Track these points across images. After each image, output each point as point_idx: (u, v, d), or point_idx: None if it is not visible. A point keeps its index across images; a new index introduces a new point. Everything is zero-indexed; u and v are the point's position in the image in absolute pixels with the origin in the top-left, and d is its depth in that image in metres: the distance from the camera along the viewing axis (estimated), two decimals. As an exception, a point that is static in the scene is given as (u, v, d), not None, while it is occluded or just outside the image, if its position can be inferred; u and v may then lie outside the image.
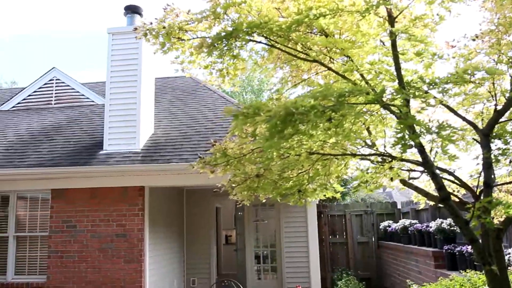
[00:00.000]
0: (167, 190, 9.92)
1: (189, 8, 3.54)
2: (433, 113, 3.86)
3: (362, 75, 3.55)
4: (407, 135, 3.04)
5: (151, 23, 3.49)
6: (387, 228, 10.34)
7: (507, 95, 3.31)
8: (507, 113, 3.29)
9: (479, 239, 3.07)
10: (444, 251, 6.94)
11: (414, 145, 3.22)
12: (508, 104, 3.23)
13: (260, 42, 3.41)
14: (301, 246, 9.81)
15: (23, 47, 47.81)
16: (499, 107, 3.32)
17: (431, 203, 6.45)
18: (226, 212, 14.67)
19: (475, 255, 4.34)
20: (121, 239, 8.30)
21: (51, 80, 11.65)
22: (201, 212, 10.97)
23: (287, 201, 3.73)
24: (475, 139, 3.49)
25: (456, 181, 3.50)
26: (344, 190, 14.35)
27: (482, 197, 3.21)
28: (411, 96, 3.05)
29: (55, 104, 11.52)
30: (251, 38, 3.33)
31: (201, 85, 12.02)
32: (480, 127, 3.38)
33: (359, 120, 3.07)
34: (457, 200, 3.45)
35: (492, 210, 3.09)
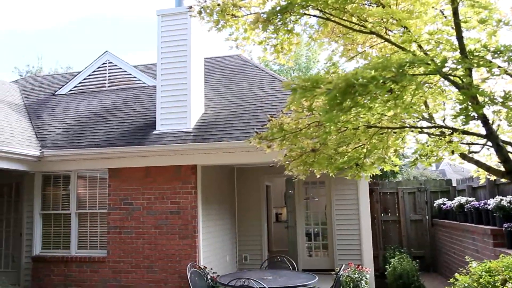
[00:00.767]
0: (218, 169, 10.10)
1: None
2: (495, 84, 3.71)
3: (420, 46, 3.45)
4: (469, 106, 2.94)
5: (205, 0, 3.51)
6: (442, 205, 10.08)
7: None
8: None
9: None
10: (503, 229, 6.70)
11: (477, 117, 3.11)
12: None
13: (314, 16, 3.36)
14: (353, 224, 9.77)
15: (75, 32, 49.48)
16: None
17: (492, 177, 6.22)
18: (276, 190, 14.79)
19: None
20: (175, 216, 8.56)
21: (104, 63, 12.01)
22: (251, 190, 11.11)
23: (344, 175, 3.71)
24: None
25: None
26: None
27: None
28: (474, 65, 2.94)
29: (108, 86, 11.90)
30: (306, 12, 3.29)
31: (249, 64, 12.04)
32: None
33: (419, 92, 2.99)
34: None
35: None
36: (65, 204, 9.41)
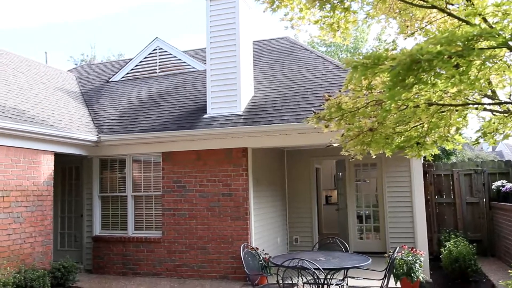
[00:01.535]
0: (269, 151, 10.15)
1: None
2: None
3: (485, 19, 3.30)
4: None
5: (260, -20, 3.49)
6: (501, 188, 9.68)
7: None
8: None
9: None
10: None
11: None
12: None
13: (372, -9, 3.28)
14: (405, 206, 9.60)
15: (125, 20, 50.66)
16: None
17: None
18: (325, 173, 14.70)
19: None
20: (227, 198, 8.71)
21: (154, 50, 12.26)
22: (301, 173, 11.10)
23: (403, 154, 3.63)
24: None
25: None
26: (451, 149, 13.63)
27: None
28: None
29: (159, 72, 12.15)
30: (363, -12, 3.21)
31: (297, 46, 11.92)
32: None
33: (485, 67, 2.86)
34: None
35: None
36: (121, 187, 9.78)
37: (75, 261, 8.79)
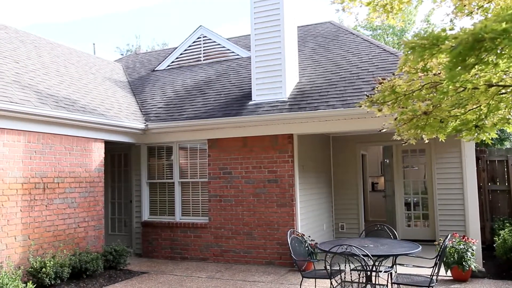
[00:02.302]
0: (314, 138, 10.07)
1: None
2: None
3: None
4: None
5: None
6: (559, 174, 9.22)
7: None
8: None
9: None
10: None
11: None
12: None
13: (427, -31, 3.14)
14: (456, 193, 9.29)
15: (168, 9, 51.26)
16: None
17: None
18: (371, 159, 14.47)
19: None
20: (273, 185, 8.73)
21: (198, 38, 12.37)
22: (347, 159, 10.97)
23: (460, 138, 3.50)
24: None
25: None
26: (503, 136, 13.07)
27: None
28: None
29: (204, 60, 12.26)
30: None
31: (342, 30, 11.70)
32: None
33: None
34: None
35: None
36: (168, 174, 9.99)
37: (125, 245, 9.10)
